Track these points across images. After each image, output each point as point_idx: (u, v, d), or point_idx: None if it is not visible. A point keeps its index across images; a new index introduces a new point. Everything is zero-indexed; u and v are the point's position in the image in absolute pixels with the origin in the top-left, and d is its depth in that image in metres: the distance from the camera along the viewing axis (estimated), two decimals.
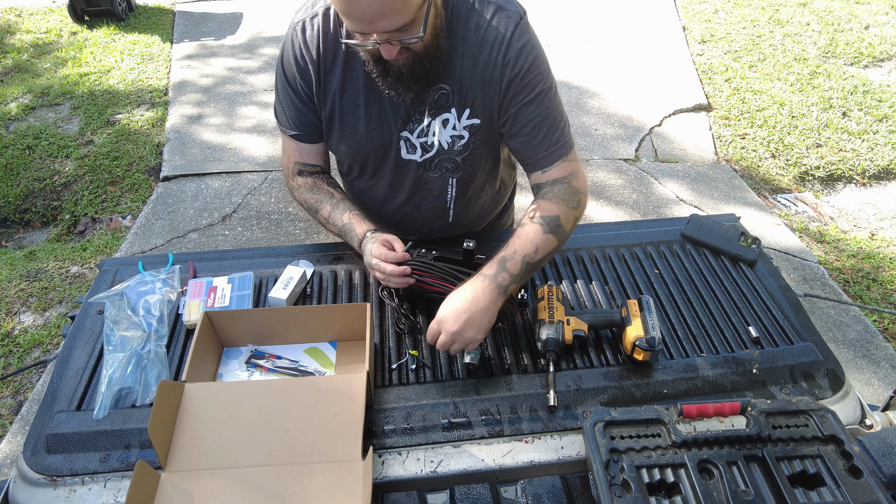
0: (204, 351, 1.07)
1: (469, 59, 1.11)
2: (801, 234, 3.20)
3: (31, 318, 2.61)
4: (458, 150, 1.22)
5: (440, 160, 1.24)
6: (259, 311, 1.14)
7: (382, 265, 1.14)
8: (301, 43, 1.12)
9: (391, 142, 1.21)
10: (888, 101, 4.16)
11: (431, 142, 1.21)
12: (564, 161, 1.16)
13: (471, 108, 1.16)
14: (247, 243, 3.08)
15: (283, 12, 5.35)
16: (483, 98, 1.14)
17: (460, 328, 1.00)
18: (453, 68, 1.11)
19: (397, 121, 1.18)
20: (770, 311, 1.23)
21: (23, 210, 3.43)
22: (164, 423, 0.91)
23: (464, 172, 1.27)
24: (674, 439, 0.91)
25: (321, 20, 1.11)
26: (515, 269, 1.05)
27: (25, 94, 4.26)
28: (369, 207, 1.41)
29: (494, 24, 1.08)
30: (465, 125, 1.18)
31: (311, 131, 1.25)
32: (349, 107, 1.18)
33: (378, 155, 1.24)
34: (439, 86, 1.13)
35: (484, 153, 1.26)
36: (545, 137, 1.14)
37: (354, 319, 1.09)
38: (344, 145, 1.24)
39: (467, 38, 1.09)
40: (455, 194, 1.32)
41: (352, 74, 1.14)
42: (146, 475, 0.85)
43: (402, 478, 0.94)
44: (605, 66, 4.68)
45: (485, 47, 1.09)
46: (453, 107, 1.16)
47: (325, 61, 1.13)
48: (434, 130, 1.19)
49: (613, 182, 3.53)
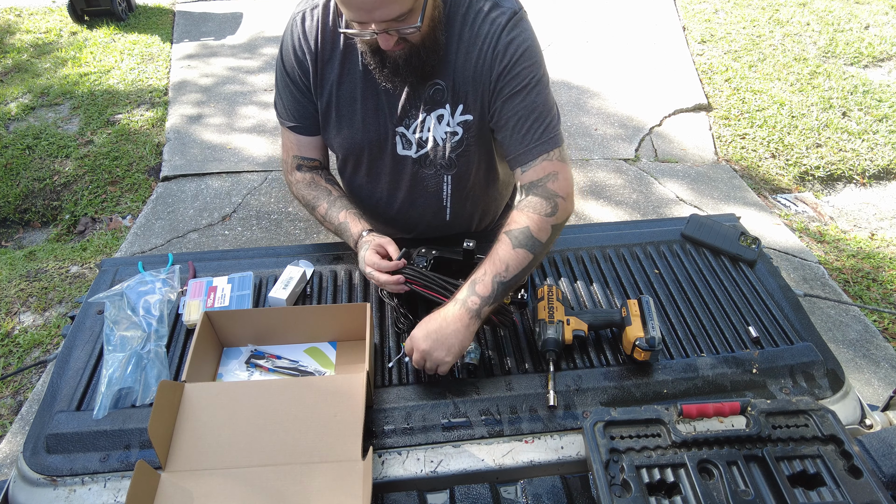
0: (204, 351, 1.07)
1: (462, 55, 1.11)
2: (801, 234, 3.20)
3: (30, 318, 2.61)
4: (452, 147, 1.22)
5: (435, 156, 1.24)
6: (259, 311, 1.14)
7: (376, 275, 1.14)
8: (300, 33, 1.13)
9: (386, 137, 1.21)
10: (888, 101, 4.16)
11: (426, 137, 1.21)
12: (545, 160, 1.10)
13: (463, 103, 1.16)
14: (247, 243, 3.08)
15: (283, 12, 5.34)
16: (475, 93, 1.14)
17: (428, 348, 1.00)
18: (448, 63, 1.11)
19: (393, 116, 1.18)
20: (770, 311, 1.23)
21: (23, 210, 3.43)
22: (164, 422, 0.91)
23: (458, 169, 1.27)
24: (674, 439, 0.91)
25: (321, 11, 1.12)
26: (485, 292, 1.02)
27: (25, 94, 4.26)
28: (366, 205, 1.40)
29: (489, 19, 1.08)
30: (458, 121, 1.18)
31: (310, 123, 1.25)
32: (346, 99, 1.18)
33: (373, 149, 1.24)
34: (434, 81, 1.13)
35: (477, 150, 1.25)
36: (528, 132, 1.10)
37: (354, 319, 1.09)
38: (339, 138, 1.24)
39: (462, 33, 1.09)
40: (451, 192, 1.32)
41: (350, 67, 1.15)
42: (146, 475, 0.85)
43: (402, 478, 0.94)
44: (605, 66, 4.68)
45: (477, 42, 1.09)
46: (447, 102, 1.16)
47: (324, 52, 1.14)
48: (429, 126, 1.19)
49: (613, 182, 3.53)
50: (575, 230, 1.46)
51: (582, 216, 3.26)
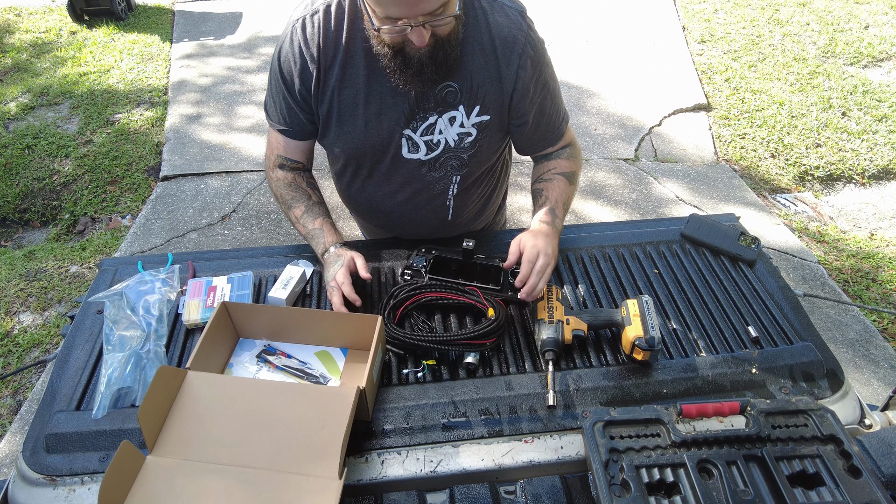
0: (215, 340, 1.08)
1: (480, 57, 1.11)
2: (801, 233, 3.20)
3: (30, 318, 2.61)
4: (466, 147, 1.22)
5: (446, 158, 1.24)
6: (276, 308, 1.13)
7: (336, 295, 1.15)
8: (301, 40, 1.11)
9: (391, 140, 1.21)
10: (888, 101, 4.16)
11: (438, 140, 1.20)
12: (567, 132, 1.33)
13: (481, 104, 1.16)
14: (246, 243, 3.08)
15: (282, 12, 5.34)
16: (496, 94, 1.15)
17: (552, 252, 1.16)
18: (464, 65, 1.11)
19: (400, 118, 1.17)
20: (769, 310, 1.23)
21: (22, 210, 3.43)
22: (157, 407, 0.91)
23: (469, 169, 1.28)
24: (673, 439, 0.91)
25: (322, 17, 1.10)
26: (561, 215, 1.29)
27: (25, 94, 4.26)
28: (364, 209, 1.40)
29: (506, 22, 1.10)
30: (473, 122, 1.19)
31: (300, 129, 1.25)
32: (347, 104, 1.17)
33: (376, 153, 1.24)
34: (447, 83, 1.13)
35: (489, 148, 1.26)
36: (550, 121, 1.27)
37: (365, 329, 1.08)
38: (340, 143, 1.23)
39: (478, 35, 1.10)
40: (456, 191, 1.33)
41: (351, 71, 1.14)
42: (130, 455, 0.85)
43: (401, 477, 0.94)
44: (604, 65, 4.68)
45: (498, 45, 1.10)
46: (461, 104, 1.16)
47: (325, 59, 1.13)
48: (440, 128, 1.19)
49: (613, 182, 3.53)
50: (574, 230, 1.46)
51: (581, 216, 3.26)
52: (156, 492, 0.86)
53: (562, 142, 1.33)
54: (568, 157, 1.33)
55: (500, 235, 1.49)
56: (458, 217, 1.40)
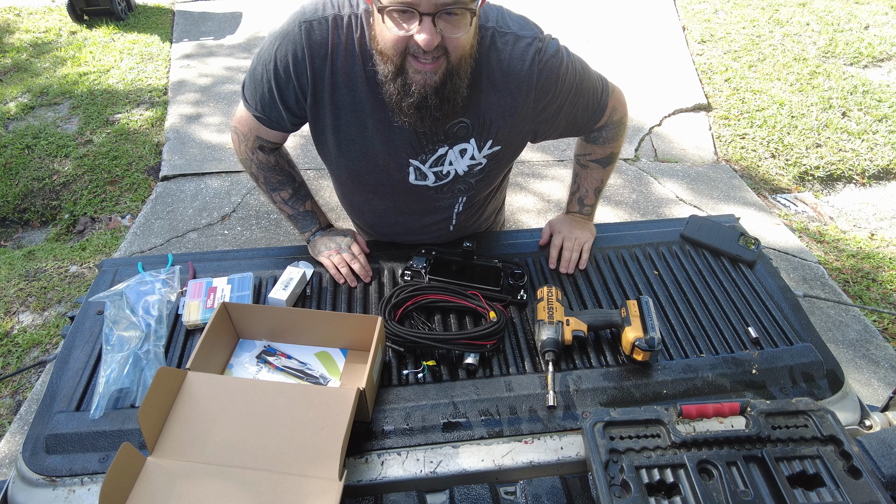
0: (215, 341, 1.07)
1: (493, 94, 1.08)
2: (801, 234, 3.20)
3: (30, 318, 2.61)
4: (475, 174, 1.21)
5: (454, 183, 1.23)
6: (277, 308, 1.13)
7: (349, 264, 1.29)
8: (305, 45, 1.03)
9: (398, 168, 1.18)
10: (888, 101, 4.16)
11: (447, 171, 1.19)
12: (609, 100, 1.24)
13: (494, 138, 1.14)
14: (246, 243, 3.08)
15: (282, 12, 5.33)
16: (509, 126, 1.13)
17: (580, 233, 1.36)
18: (477, 102, 1.08)
19: (407, 148, 1.14)
20: (769, 311, 1.23)
21: (22, 209, 3.43)
22: (157, 408, 0.91)
23: (475, 191, 1.28)
24: (673, 440, 0.91)
25: (331, 27, 1.03)
26: (591, 202, 1.43)
27: (24, 94, 4.26)
28: (366, 217, 1.40)
29: (516, 55, 1.06)
30: (485, 154, 1.17)
31: (277, 124, 1.18)
32: (353, 127, 1.11)
33: (382, 177, 1.21)
34: (458, 119, 1.10)
35: (499, 172, 1.26)
36: (587, 109, 1.22)
37: (365, 330, 1.08)
38: (343, 161, 1.19)
39: (490, 72, 1.06)
40: (461, 209, 1.33)
41: (358, 97, 1.08)
42: (130, 457, 0.85)
43: (401, 478, 0.94)
44: (605, 65, 4.64)
45: (509, 80, 1.07)
46: (472, 137, 1.14)
47: (332, 71, 1.05)
48: (450, 160, 1.17)
49: (613, 182, 3.53)
50: None
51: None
52: (156, 493, 0.86)
53: (605, 116, 1.25)
54: (604, 142, 1.33)
55: (499, 236, 1.49)
56: (462, 229, 1.41)
